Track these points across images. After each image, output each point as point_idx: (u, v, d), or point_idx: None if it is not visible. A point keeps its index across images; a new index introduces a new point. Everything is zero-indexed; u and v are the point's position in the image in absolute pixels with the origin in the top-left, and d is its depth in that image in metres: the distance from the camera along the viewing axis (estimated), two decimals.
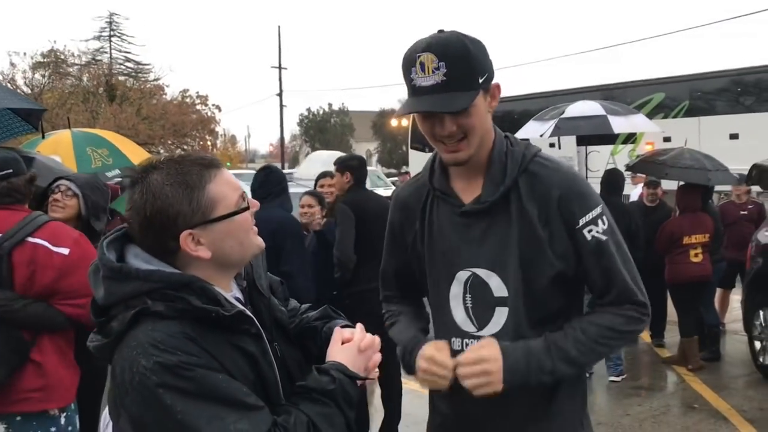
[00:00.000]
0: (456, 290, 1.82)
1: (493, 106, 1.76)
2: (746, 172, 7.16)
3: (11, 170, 2.96)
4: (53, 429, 3.00)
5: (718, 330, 6.82)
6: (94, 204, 3.59)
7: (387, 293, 2.11)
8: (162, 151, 30.96)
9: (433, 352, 1.77)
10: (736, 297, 9.19)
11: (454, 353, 1.77)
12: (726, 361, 6.79)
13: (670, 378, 6.45)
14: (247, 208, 1.47)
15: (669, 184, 7.38)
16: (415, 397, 5.60)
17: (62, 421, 3.03)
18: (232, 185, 1.45)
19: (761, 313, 6.39)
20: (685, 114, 13.33)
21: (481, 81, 1.69)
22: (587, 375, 5.56)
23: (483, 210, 1.78)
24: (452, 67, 1.64)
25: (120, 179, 7.50)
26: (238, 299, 1.51)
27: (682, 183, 6.75)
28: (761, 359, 6.34)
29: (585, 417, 1.90)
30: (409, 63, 1.68)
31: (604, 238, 1.75)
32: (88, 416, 3.43)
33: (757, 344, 6.43)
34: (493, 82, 1.74)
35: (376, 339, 1.57)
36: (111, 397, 1.40)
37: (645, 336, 7.71)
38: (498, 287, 1.77)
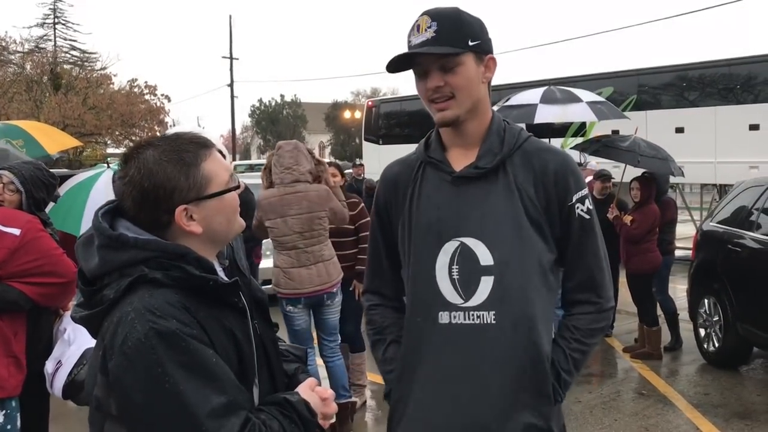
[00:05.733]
0: (443, 261, 1.82)
1: (488, 77, 1.84)
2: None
3: None
4: None
5: (677, 317, 6.97)
6: (37, 200, 3.48)
7: (374, 288, 2.07)
8: (109, 141, 30.29)
9: None
10: (681, 287, 9.50)
11: (441, 327, 1.80)
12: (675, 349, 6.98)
13: (619, 365, 6.61)
14: (237, 188, 1.53)
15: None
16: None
17: (1, 419, 2.97)
18: (223, 165, 1.52)
19: (705, 301, 6.60)
20: (633, 108, 13.64)
21: (471, 44, 1.77)
22: None
23: (476, 177, 1.82)
24: (441, 25, 1.76)
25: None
26: None
27: (644, 173, 6.83)
28: (705, 346, 6.56)
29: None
30: (410, 29, 1.81)
31: (587, 217, 1.85)
32: (32, 419, 3.35)
33: (702, 332, 6.64)
34: (489, 55, 1.82)
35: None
36: (91, 366, 1.42)
37: None
38: (484, 256, 1.79)
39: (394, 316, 2.00)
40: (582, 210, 1.84)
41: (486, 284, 1.78)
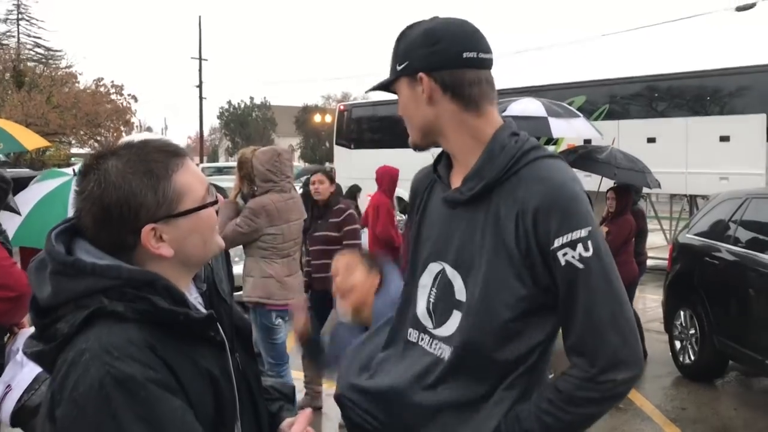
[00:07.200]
0: (426, 280, 1.70)
1: (430, 97, 1.61)
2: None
3: None
4: None
5: (641, 327, 6.95)
6: None
7: None
8: (73, 141, 29.64)
9: None
10: (653, 297, 9.50)
11: (407, 344, 1.72)
12: (648, 361, 6.91)
13: None
14: (215, 203, 1.33)
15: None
16: None
17: None
18: (198, 177, 1.32)
19: (681, 313, 6.55)
20: (605, 117, 13.67)
21: (399, 68, 1.64)
22: None
23: (461, 202, 1.64)
24: (392, 51, 1.69)
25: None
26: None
27: (617, 184, 6.77)
28: (681, 359, 6.50)
29: None
30: None
31: (580, 266, 1.48)
32: None
33: (678, 344, 6.59)
34: (419, 74, 1.60)
35: None
36: (43, 410, 1.22)
37: None
38: (459, 289, 1.62)
39: None
40: (572, 257, 1.48)
41: (455, 319, 1.61)
